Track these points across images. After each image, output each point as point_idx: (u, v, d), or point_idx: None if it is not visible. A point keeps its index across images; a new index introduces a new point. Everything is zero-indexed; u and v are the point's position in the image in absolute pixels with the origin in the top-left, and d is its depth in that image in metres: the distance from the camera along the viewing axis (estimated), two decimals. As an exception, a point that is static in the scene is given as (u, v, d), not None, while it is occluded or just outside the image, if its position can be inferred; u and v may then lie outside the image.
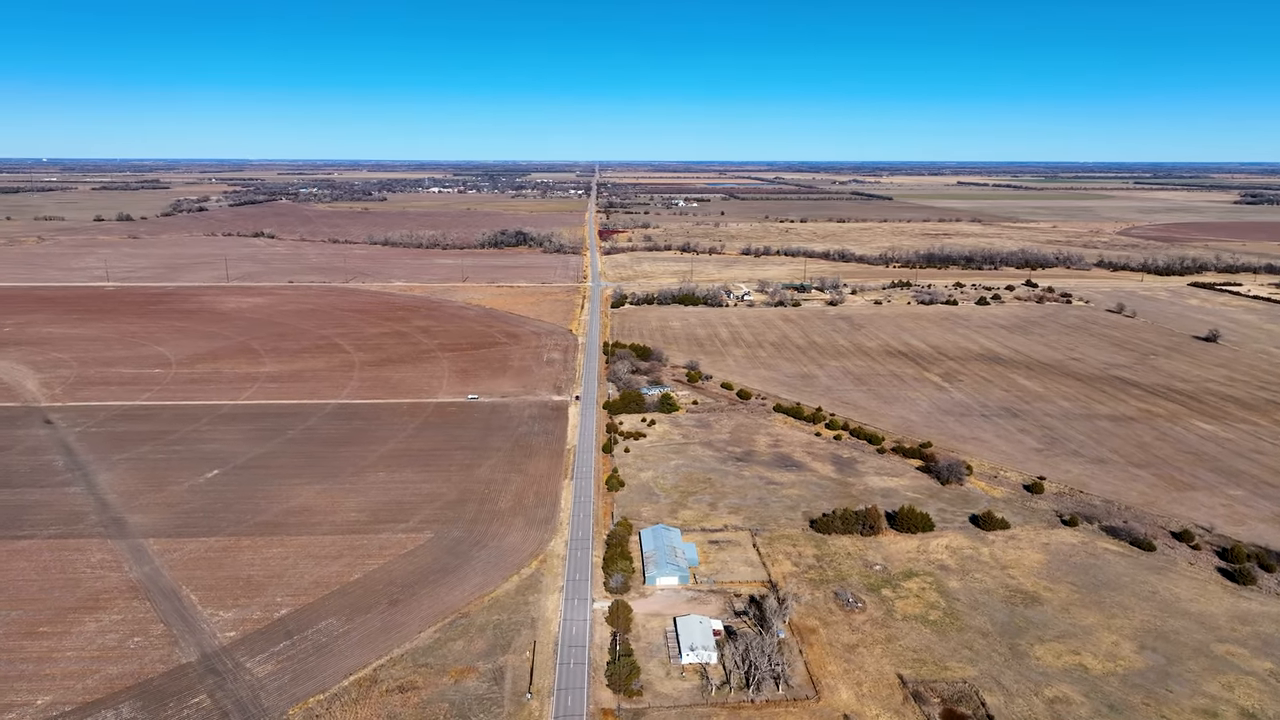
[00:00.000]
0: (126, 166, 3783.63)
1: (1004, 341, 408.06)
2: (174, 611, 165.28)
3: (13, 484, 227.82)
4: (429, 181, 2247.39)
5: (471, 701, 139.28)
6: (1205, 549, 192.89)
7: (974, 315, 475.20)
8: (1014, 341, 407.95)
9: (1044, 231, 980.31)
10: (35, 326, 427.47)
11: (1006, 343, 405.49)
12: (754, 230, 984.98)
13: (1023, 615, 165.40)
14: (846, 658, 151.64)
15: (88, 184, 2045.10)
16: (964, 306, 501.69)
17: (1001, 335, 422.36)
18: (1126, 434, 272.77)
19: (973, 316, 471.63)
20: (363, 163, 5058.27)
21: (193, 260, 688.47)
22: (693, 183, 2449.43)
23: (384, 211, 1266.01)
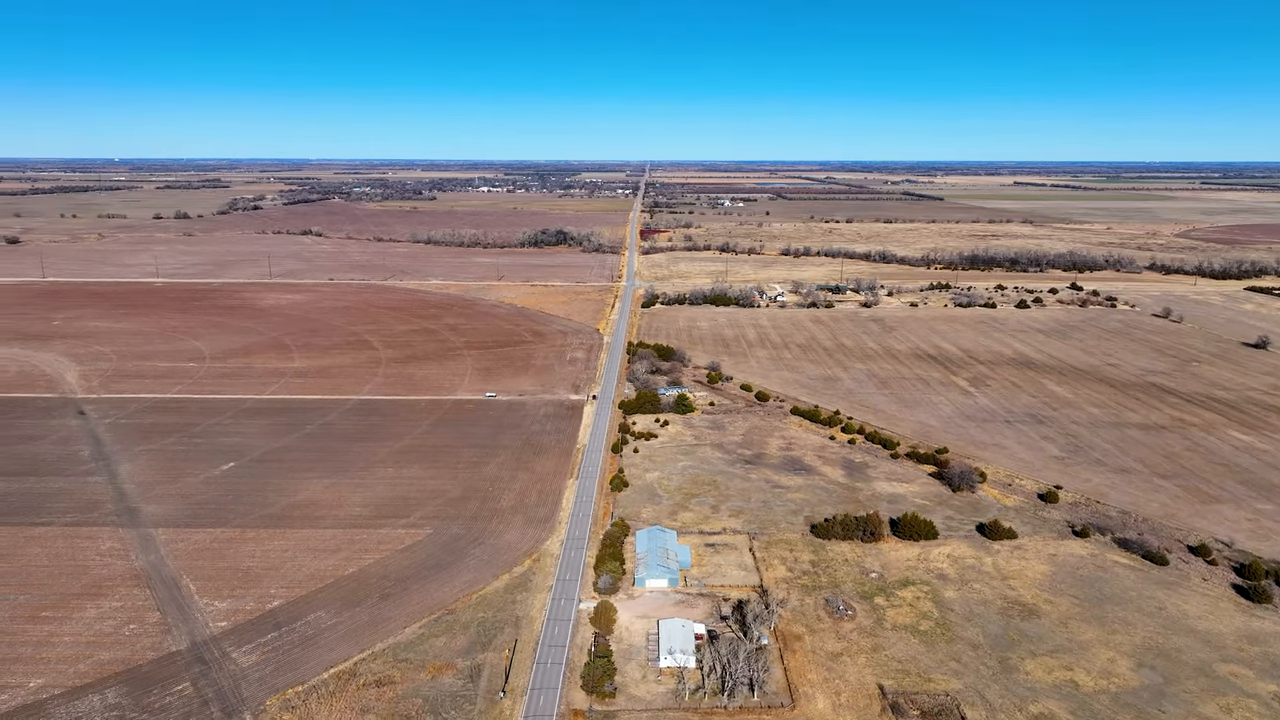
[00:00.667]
0: (192, 166, 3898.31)
1: (1039, 346, 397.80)
2: (171, 600, 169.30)
3: (39, 472, 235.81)
4: (479, 181, 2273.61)
5: (445, 698, 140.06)
6: (1222, 565, 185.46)
7: (1011, 319, 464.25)
8: (1049, 346, 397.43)
9: (1097, 233, 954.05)
10: (83, 320, 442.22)
11: (1041, 347, 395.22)
12: (797, 230, 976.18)
13: (1018, 628, 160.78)
14: (828, 666, 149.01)
15: (153, 183, 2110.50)
16: (1002, 310, 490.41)
17: (1037, 339, 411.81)
18: (1155, 443, 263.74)
19: (1010, 320, 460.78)
20: (418, 162, 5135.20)
21: (240, 257, 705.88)
22: (742, 182, 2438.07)
23: (431, 210, 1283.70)
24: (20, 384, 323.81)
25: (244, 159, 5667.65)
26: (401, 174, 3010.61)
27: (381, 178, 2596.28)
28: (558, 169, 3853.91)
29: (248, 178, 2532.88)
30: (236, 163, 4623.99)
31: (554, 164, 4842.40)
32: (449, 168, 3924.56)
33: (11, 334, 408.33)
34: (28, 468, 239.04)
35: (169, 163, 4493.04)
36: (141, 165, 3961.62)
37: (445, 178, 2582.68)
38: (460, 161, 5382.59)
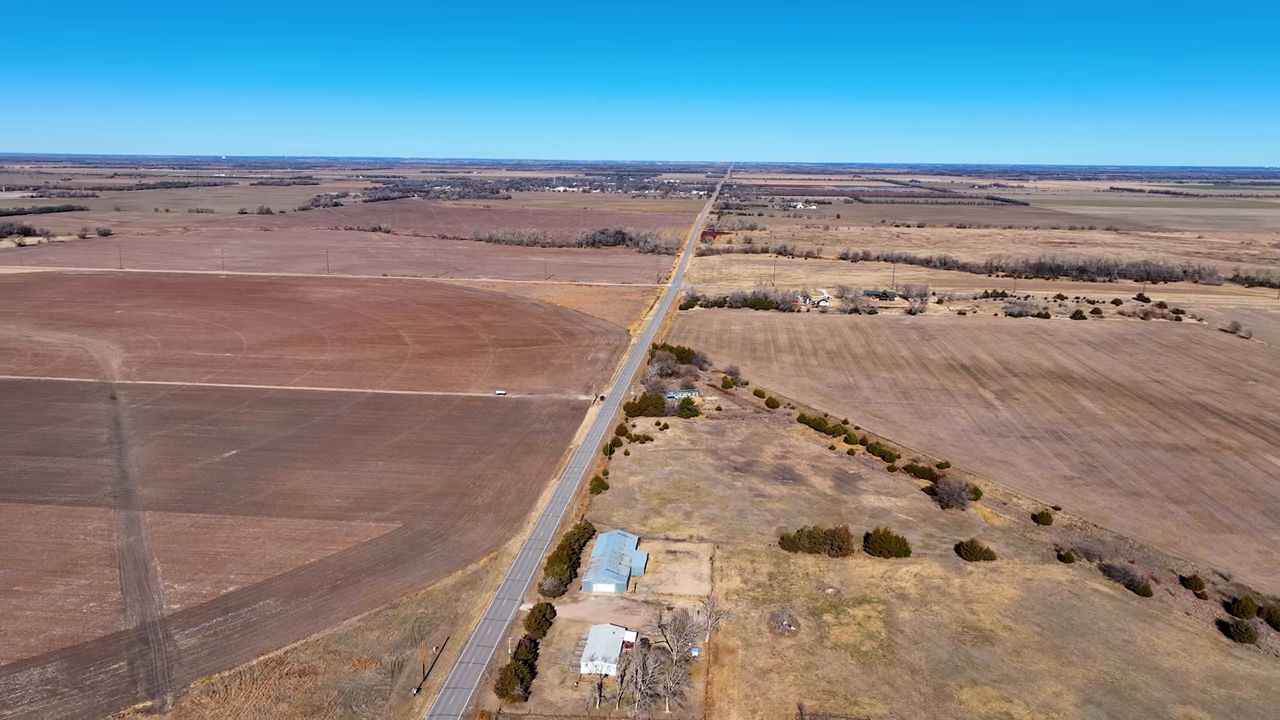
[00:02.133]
0: (289, 164, 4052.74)
1: (1084, 359, 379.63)
2: (135, 581, 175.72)
3: (56, 452, 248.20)
4: (557, 181, 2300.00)
5: (361, 692, 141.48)
6: (1212, 599, 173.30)
7: (1062, 330, 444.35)
8: (1095, 359, 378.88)
9: (1185, 242, 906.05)
10: (143, 310, 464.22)
11: (1086, 360, 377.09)
12: (863, 235, 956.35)
13: (966, 655, 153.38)
14: (753, 683, 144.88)
15: (249, 180, 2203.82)
16: (1056, 320, 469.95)
17: (1084, 352, 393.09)
18: (1179, 466, 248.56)
19: (1061, 331, 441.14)
20: (504, 161, 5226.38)
21: (306, 252, 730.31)
22: (822, 185, 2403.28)
23: (503, 209, 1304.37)
24: (67, 368, 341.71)
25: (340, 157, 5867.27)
26: (486, 173, 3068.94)
27: (465, 176, 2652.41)
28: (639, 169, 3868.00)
29: (338, 175, 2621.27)
30: (332, 161, 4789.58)
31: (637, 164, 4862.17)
32: (533, 167, 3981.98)
33: (75, 320, 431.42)
34: (48, 448, 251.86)
35: (269, 160, 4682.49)
36: (244, 163, 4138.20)
37: (525, 177, 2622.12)
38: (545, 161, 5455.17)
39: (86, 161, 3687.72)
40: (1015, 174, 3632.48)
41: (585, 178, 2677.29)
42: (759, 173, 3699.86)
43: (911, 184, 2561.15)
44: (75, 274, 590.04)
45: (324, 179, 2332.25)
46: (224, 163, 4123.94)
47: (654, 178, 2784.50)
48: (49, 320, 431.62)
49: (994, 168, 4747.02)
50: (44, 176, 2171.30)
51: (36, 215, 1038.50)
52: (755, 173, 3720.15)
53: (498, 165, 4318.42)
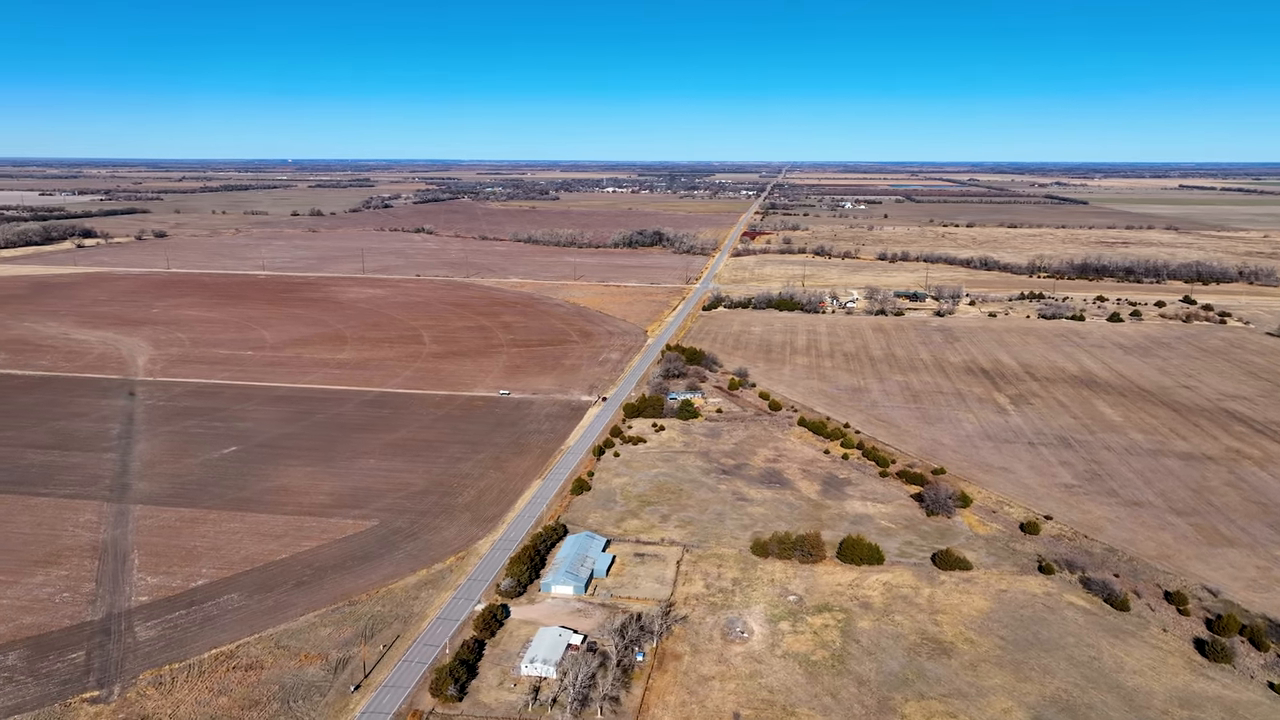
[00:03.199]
0: (350, 166, 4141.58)
1: (1112, 363, 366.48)
2: (111, 573, 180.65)
3: (66, 446, 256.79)
4: (607, 182, 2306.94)
5: (302, 687, 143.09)
6: (1195, 615, 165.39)
7: (1095, 333, 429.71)
8: (1124, 364, 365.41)
9: (1249, 242, 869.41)
10: (180, 309, 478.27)
11: (1115, 365, 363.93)
12: (907, 234, 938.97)
13: (919, 667, 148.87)
14: (693, 690, 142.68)
15: (308, 182, 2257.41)
16: (1091, 323, 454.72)
17: (1114, 356, 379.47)
18: (1190, 475, 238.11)
19: (1093, 334, 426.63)
20: (560, 163, 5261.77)
21: (346, 253, 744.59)
22: (876, 184, 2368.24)
23: (549, 210, 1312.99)
24: (96, 365, 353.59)
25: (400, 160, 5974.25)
26: (541, 174, 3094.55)
27: (519, 178, 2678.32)
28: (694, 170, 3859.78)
29: (395, 177, 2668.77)
30: (392, 163, 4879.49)
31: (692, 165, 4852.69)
32: (589, 168, 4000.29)
33: (113, 319, 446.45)
34: (60, 441, 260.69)
35: (331, 163, 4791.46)
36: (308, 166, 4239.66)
37: (577, 178, 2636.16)
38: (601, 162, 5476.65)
39: (159, 166, 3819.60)
40: (1080, 172, 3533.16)
41: (638, 178, 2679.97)
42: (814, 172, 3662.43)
43: (969, 183, 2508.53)
44: (123, 274, 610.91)
45: (381, 181, 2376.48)
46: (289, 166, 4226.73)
47: (707, 178, 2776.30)
48: (89, 318, 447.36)
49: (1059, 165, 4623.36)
50: (117, 180, 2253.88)
51: (101, 218, 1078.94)
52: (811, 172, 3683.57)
53: (553, 167, 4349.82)
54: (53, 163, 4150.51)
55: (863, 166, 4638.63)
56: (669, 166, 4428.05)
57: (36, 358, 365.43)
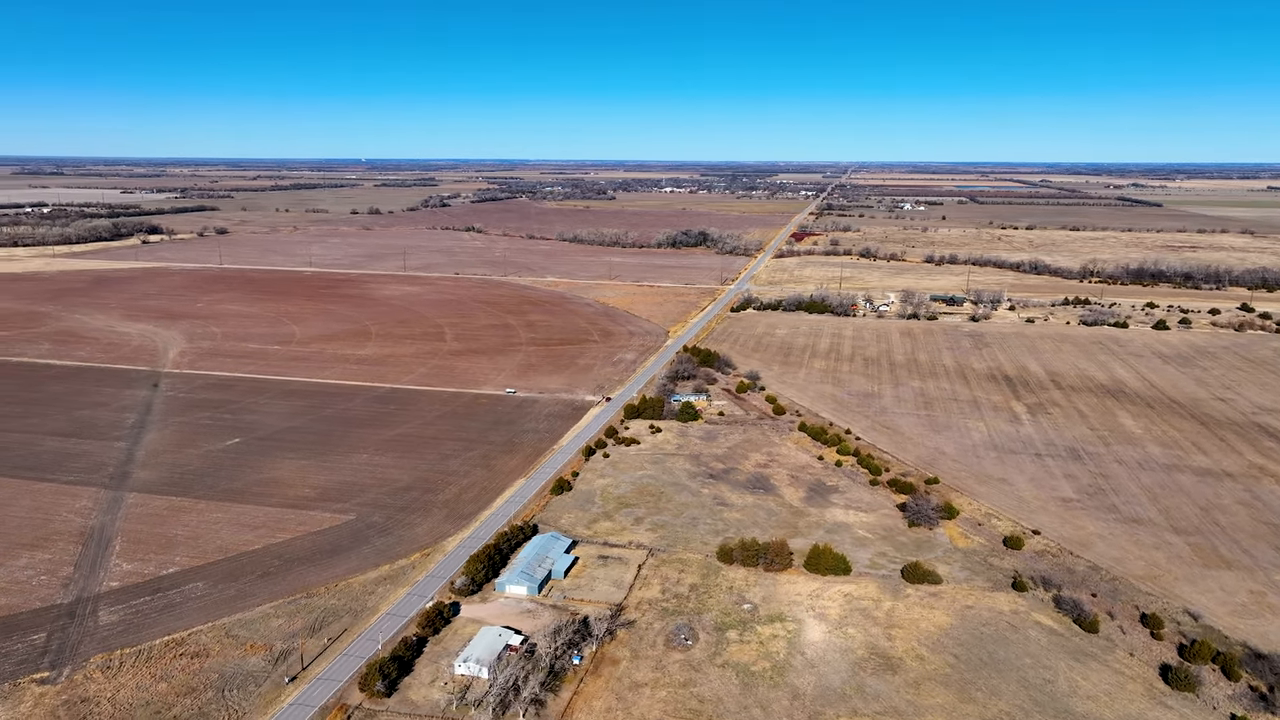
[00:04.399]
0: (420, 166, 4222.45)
1: (1146, 372, 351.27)
2: (91, 558, 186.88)
3: (82, 434, 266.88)
4: (666, 182, 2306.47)
5: (239, 676, 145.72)
6: (1169, 640, 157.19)
7: (1136, 340, 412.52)
8: (1159, 373, 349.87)
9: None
10: (221, 304, 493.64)
11: (1148, 374, 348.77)
12: (961, 237, 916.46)
13: (860, 683, 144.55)
14: (623, 696, 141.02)
15: (375, 181, 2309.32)
16: (1134, 330, 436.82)
17: (1150, 365, 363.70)
18: (1201, 492, 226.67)
19: (1133, 342, 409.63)
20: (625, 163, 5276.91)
21: (394, 251, 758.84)
22: (942, 185, 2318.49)
23: (602, 209, 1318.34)
24: (130, 357, 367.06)
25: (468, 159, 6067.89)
26: (605, 174, 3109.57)
27: (580, 178, 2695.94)
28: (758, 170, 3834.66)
29: (459, 177, 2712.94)
30: (459, 163, 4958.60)
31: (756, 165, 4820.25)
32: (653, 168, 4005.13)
33: (156, 312, 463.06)
34: (78, 430, 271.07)
35: (402, 163, 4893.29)
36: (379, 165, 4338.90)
37: (637, 178, 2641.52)
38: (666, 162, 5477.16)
39: (238, 165, 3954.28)
40: (1162, 173, 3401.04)
41: (700, 179, 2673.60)
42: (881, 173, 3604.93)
43: (1040, 184, 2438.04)
44: (178, 269, 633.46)
45: (445, 180, 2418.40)
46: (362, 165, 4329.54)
47: (770, 178, 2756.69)
48: (135, 312, 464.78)
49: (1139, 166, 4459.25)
50: (195, 179, 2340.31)
51: (172, 215, 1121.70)
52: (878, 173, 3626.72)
53: (618, 166, 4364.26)
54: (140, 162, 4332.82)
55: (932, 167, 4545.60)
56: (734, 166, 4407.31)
57: (78, 348, 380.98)
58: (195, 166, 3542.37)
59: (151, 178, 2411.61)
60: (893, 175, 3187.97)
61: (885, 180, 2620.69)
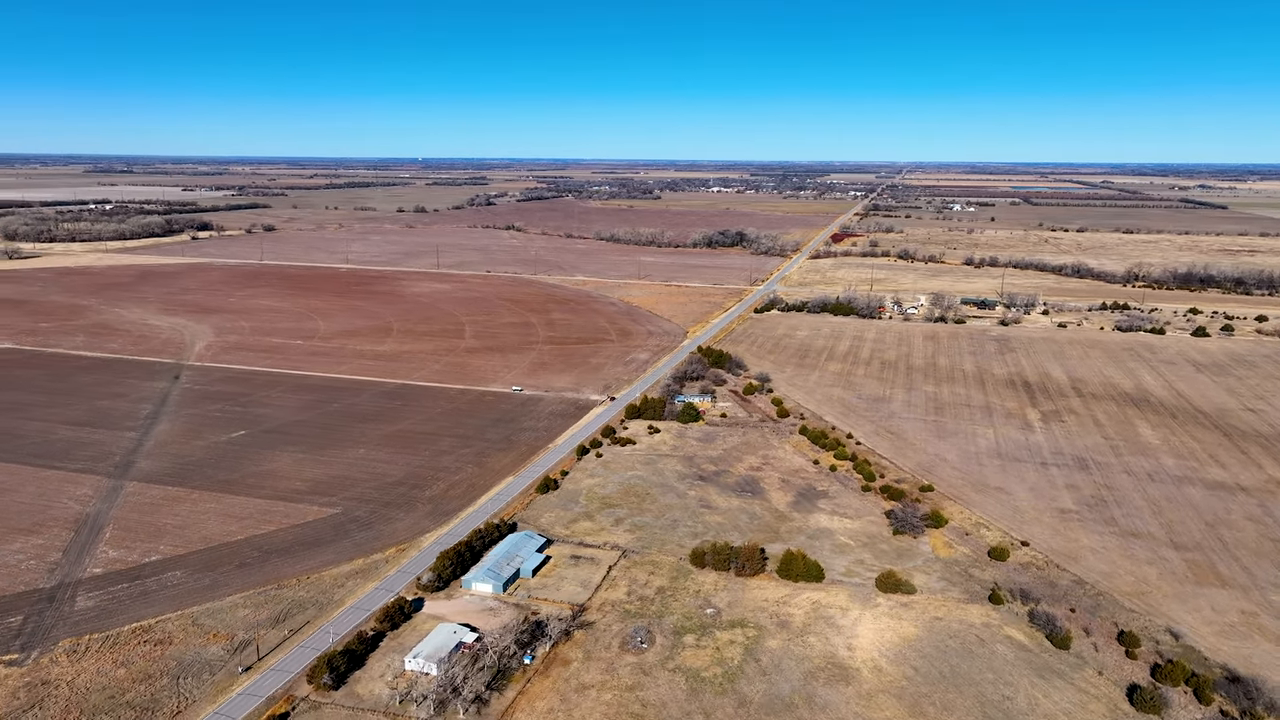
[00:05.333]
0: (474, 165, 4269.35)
1: (1175, 381, 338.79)
2: (80, 544, 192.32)
3: (96, 424, 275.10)
4: (713, 181, 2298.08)
5: (197, 664, 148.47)
6: (1143, 660, 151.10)
7: (1170, 347, 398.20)
8: (1189, 382, 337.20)
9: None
10: (254, 299, 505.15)
11: (1177, 383, 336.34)
12: (1009, 239, 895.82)
13: (810, 692, 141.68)
14: (567, 698, 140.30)
15: (426, 180, 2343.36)
16: (1171, 336, 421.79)
17: (1181, 373, 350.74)
18: (1210, 506, 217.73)
19: (1167, 349, 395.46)
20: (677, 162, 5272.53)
21: (431, 249, 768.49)
22: (998, 186, 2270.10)
23: (646, 209, 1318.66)
24: (158, 349, 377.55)
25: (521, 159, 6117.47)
26: (655, 174, 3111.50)
27: (630, 177, 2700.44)
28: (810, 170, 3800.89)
29: (510, 176, 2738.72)
30: (512, 162, 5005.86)
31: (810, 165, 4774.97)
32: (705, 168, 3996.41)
33: (191, 307, 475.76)
34: (94, 419, 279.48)
35: (456, 162, 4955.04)
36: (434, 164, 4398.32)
37: (686, 178, 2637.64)
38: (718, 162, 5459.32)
39: (298, 163, 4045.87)
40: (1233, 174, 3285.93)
41: (750, 178, 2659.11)
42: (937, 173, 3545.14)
43: (1101, 185, 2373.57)
44: (220, 265, 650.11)
45: (495, 179, 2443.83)
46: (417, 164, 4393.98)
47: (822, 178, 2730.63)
48: (171, 306, 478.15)
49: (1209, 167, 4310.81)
50: (255, 177, 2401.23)
51: (226, 212, 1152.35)
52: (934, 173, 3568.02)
53: (669, 166, 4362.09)
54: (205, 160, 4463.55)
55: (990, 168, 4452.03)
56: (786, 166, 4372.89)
57: (110, 340, 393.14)
58: (257, 165, 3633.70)
59: (214, 176, 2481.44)
60: (948, 175, 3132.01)
61: (939, 180, 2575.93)
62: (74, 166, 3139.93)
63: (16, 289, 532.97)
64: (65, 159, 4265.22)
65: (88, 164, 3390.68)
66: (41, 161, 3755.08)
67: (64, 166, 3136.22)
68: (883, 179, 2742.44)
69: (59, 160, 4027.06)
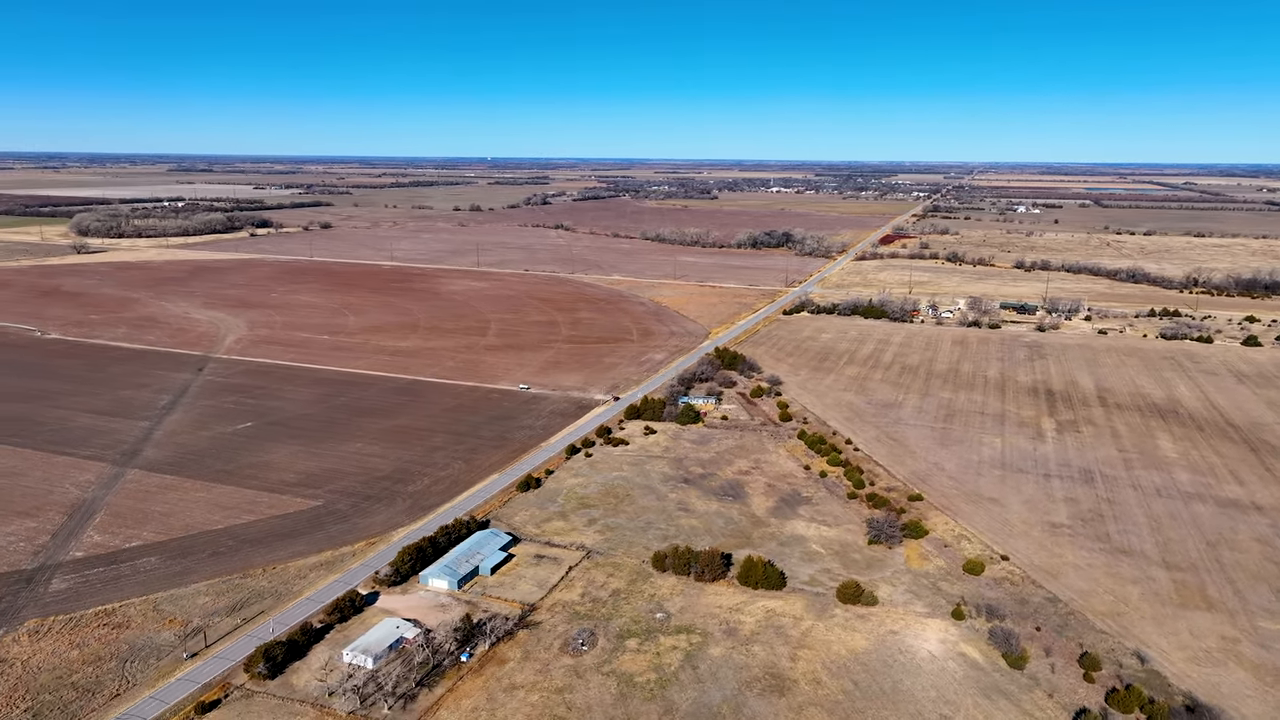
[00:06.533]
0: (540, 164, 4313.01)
1: (1211, 392, 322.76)
2: (70, 528, 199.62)
3: (115, 413, 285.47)
4: (774, 182, 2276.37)
5: (147, 649, 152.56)
6: (1100, 683, 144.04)
7: (1215, 357, 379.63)
8: (1226, 393, 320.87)
9: None
10: (293, 294, 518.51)
11: (1213, 394, 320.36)
12: (1068, 241, 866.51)
13: (740, 703, 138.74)
14: (494, 697, 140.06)
15: (488, 179, 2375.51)
16: (1218, 345, 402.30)
17: (1220, 384, 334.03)
18: (1217, 525, 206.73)
19: (1211, 358, 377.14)
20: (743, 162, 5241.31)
21: (474, 247, 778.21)
22: (1071, 187, 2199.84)
23: (699, 209, 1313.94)
24: (191, 342, 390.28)
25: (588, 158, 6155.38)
26: (719, 174, 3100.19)
27: (692, 177, 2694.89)
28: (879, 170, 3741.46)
29: (572, 175, 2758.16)
30: (578, 161, 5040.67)
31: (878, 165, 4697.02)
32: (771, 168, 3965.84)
33: (232, 301, 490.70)
34: (114, 409, 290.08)
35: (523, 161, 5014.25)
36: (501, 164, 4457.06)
37: (748, 178, 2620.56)
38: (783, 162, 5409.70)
39: (370, 163, 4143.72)
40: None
41: (813, 178, 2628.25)
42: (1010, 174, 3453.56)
43: (1184, 186, 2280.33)
44: (271, 261, 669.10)
45: (557, 179, 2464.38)
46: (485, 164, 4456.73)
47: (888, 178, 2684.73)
48: (213, 300, 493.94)
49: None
50: (326, 176, 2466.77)
51: (291, 209, 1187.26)
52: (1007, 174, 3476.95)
53: (734, 166, 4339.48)
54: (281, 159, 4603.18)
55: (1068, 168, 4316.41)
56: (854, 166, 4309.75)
57: (149, 333, 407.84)
58: (329, 164, 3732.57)
59: (287, 174, 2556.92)
60: (1021, 176, 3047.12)
61: (1010, 182, 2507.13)
62: (160, 165, 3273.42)
63: (77, 282, 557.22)
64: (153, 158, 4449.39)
65: (173, 163, 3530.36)
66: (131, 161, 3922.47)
67: (151, 165, 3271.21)
68: (951, 179, 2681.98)
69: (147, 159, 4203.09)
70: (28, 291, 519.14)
